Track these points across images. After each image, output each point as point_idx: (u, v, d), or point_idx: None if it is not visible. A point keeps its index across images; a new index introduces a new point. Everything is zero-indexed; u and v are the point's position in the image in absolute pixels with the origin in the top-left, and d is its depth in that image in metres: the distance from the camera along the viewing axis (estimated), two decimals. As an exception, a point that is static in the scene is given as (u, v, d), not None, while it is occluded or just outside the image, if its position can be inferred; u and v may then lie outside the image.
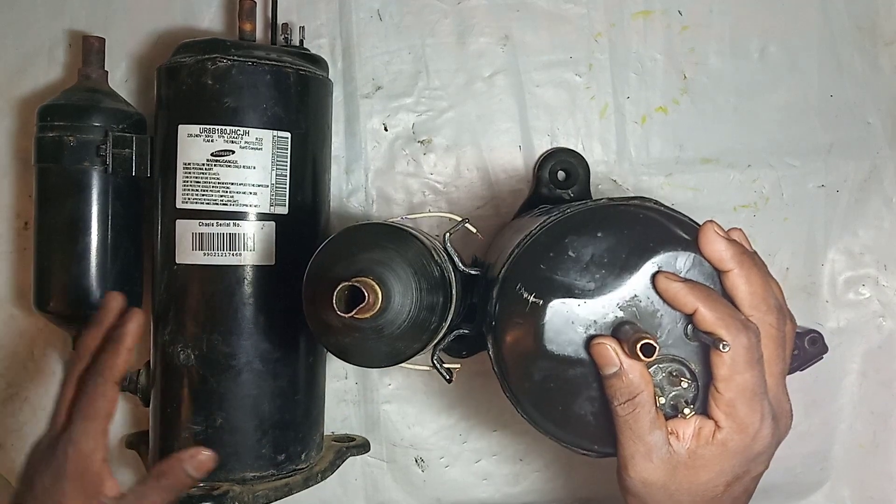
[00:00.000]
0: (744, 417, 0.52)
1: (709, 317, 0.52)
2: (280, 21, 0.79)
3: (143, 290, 0.78)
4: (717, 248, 0.54)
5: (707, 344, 0.52)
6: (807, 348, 0.70)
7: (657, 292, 0.54)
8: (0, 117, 0.84)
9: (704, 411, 0.54)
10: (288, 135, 0.72)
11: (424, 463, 0.85)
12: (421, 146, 0.84)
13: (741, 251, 0.54)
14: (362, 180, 0.84)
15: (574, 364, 0.55)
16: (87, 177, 0.73)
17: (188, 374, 0.71)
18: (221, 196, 0.70)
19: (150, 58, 0.83)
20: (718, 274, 0.54)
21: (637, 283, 0.54)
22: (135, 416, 0.84)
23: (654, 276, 0.54)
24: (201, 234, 0.70)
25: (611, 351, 0.53)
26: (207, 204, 0.70)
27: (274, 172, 0.71)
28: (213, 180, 0.70)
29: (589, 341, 0.54)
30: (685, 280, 0.53)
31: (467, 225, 0.64)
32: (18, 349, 0.84)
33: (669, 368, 0.54)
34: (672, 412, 0.54)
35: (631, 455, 0.53)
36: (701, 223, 0.55)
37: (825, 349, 0.70)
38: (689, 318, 0.53)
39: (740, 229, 0.57)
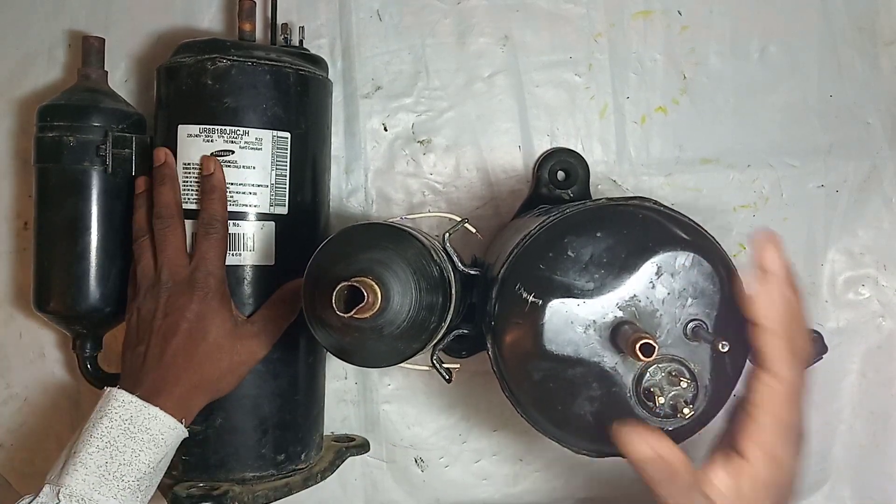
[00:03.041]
0: (780, 453, 0.51)
1: (771, 345, 0.51)
2: (280, 21, 0.79)
3: (143, 290, 0.78)
4: (771, 310, 0.52)
5: (708, 343, 0.52)
6: (807, 348, 0.69)
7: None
8: (0, 117, 0.84)
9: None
10: (288, 135, 0.72)
11: (424, 463, 0.85)
12: (421, 146, 0.84)
13: (790, 313, 0.52)
14: (362, 180, 0.84)
15: (573, 364, 0.55)
16: (87, 177, 0.73)
17: (188, 373, 0.71)
18: (221, 196, 0.70)
19: (150, 58, 0.83)
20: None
21: (636, 283, 0.54)
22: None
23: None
24: (201, 234, 0.70)
25: (647, 447, 0.52)
26: (207, 204, 0.70)
27: (273, 172, 0.71)
28: (213, 180, 0.70)
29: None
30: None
31: (467, 225, 0.64)
32: (18, 349, 0.84)
33: (669, 368, 0.54)
34: (671, 412, 0.54)
35: None
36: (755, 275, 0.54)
37: (825, 349, 0.69)
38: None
39: (774, 237, 0.54)
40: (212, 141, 0.70)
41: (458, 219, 0.64)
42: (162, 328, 0.67)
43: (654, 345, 0.49)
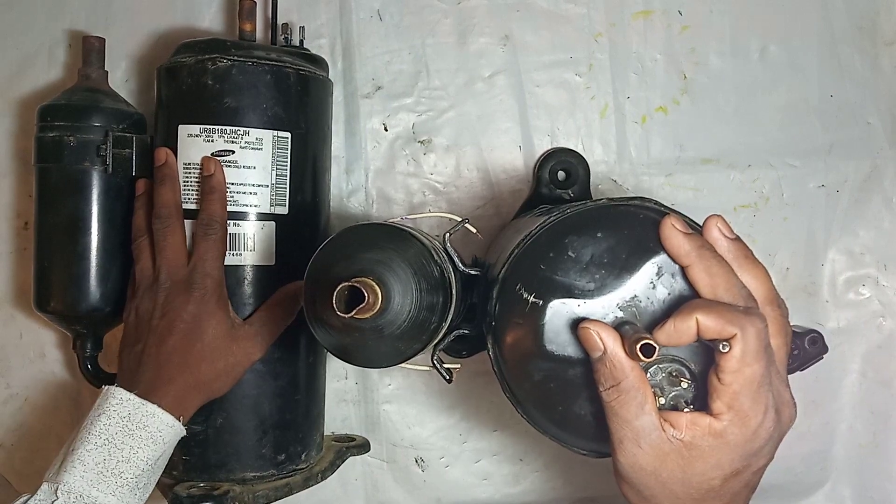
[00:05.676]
0: (747, 410, 0.51)
1: (710, 324, 0.50)
2: (280, 21, 0.79)
3: (144, 290, 0.78)
4: (674, 243, 0.53)
5: (708, 344, 0.52)
6: (807, 348, 0.69)
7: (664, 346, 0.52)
8: (0, 117, 0.84)
9: (705, 404, 0.53)
10: (288, 135, 0.72)
11: (424, 463, 0.85)
12: (421, 146, 0.84)
13: (699, 244, 0.53)
14: (362, 180, 0.84)
15: (574, 364, 0.55)
16: (87, 177, 0.73)
17: (188, 374, 0.71)
18: (221, 196, 0.70)
19: (150, 58, 0.83)
20: (682, 270, 0.54)
21: (637, 284, 0.54)
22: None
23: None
24: (201, 234, 0.70)
25: (594, 335, 0.52)
26: (207, 204, 0.70)
27: (274, 172, 0.71)
28: (214, 180, 0.70)
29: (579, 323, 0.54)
30: (674, 315, 0.52)
31: (467, 225, 0.64)
32: (18, 349, 0.84)
33: (669, 369, 0.54)
34: (672, 412, 0.54)
35: (619, 440, 0.53)
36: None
37: (825, 349, 0.69)
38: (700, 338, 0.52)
39: (719, 215, 0.55)
40: (212, 141, 0.70)
41: (459, 219, 0.64)
42: (158, 328, 0.67)
43: (655, 345, 0.49)
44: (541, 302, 0.55)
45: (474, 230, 0.68)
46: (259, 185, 0.71)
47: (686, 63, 0.85)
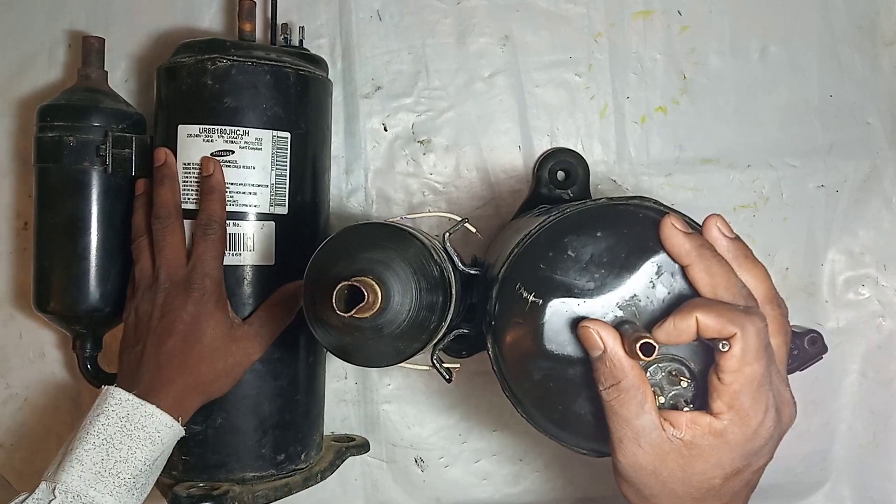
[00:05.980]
0: (747, 409, 0.51)
1: (710, 322, 0.50)
2: (280, 21, 0.79)
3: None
4: (674, 243, 0.53)
5: (706, 344, 0.52)
6: (806, 348, 0.69)
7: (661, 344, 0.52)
8: (0, 117, 0.84)
9: (704, 403, 0.53)
10: (288, 135, 0.72)
11: (424, 463, 0.85)
12: (421, 146, 0.84)
13: (699, 244, 0.53)
14: (362, 180, 0.84)
15: (574, 363, 0.55)
16: (87, 177, 0.73)
17: (188, 373, 0.71)
18: (221, 196, 0.70)
19: (150, 58, 0.83)
20: (681, 269, 0.54)
21: (637, 283, 0.54)
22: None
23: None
24: (201, 234, 0.70)
25: (594, 334, 0.52)
26: (207, 204, 0.70)
27: (273, 172, 0.71)
28: (213, 180, 0.70)
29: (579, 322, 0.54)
30: (673, 313, 0.52)
31: (467, 224, 0.64)
32: (18, 349, 0.84)
33: (669, 368, 0.54)
34: (672, 412, 0.54)
35: (619, 439, 0.53)
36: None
37: (825, 349, 0.69)
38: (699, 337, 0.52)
39: (719, 215, 0.55)
40: (212, 141, 0.70)
41: (459, 218, 0.64)
42: (158, 329, 0.67)
43: (655, 344, 0.49)
44: (540, 301, 0.55)
45: (474, 230, 0.68)
46: (258, 185, 0.71)
47: (686, 63, 0.85)
